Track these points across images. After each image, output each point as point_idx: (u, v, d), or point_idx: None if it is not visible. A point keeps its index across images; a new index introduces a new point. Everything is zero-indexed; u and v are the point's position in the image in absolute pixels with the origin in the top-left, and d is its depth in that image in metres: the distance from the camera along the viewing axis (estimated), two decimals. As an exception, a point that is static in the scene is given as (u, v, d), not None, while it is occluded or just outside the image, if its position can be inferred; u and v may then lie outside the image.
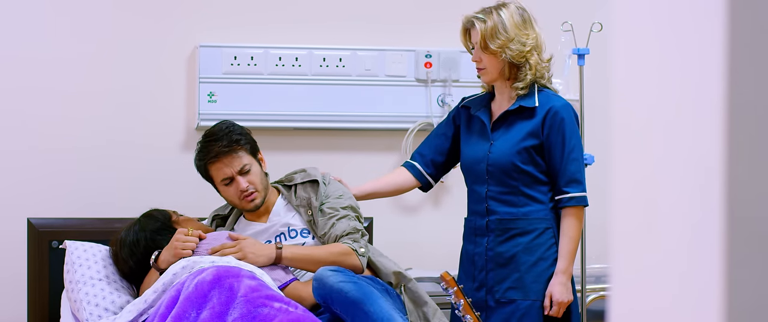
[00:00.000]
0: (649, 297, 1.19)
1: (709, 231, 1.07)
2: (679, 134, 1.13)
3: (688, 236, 1.11)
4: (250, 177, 3.47)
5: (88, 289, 3.46)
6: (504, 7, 3.32)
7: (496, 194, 3.35)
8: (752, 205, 1.06)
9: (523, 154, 3.32)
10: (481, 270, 3.38)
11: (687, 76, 1.12)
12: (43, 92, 4.00)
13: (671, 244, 1.14)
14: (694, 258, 1.10)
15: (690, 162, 1.11)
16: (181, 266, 3.23)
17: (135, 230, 3.53)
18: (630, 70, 1.23)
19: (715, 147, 1.06)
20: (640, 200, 1.20)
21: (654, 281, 1.18)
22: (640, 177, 1.21)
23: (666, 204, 1.15)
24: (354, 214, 3.47)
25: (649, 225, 1.18)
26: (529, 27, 3.31)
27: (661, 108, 1.17)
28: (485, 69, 3.34)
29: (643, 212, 1.20)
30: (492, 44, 3.28)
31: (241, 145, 3.47)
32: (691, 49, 1.12)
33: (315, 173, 3.57)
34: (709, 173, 1.07)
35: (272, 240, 3.50)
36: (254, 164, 3.50)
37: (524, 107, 3.32)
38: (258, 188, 3.48)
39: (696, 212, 1.10)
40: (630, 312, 1.23)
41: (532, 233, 3.33)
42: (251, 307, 3.00)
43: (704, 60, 1.08)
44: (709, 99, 1.07)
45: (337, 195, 3.50)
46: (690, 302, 1.11)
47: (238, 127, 3.53)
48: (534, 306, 3.31)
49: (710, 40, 1.07)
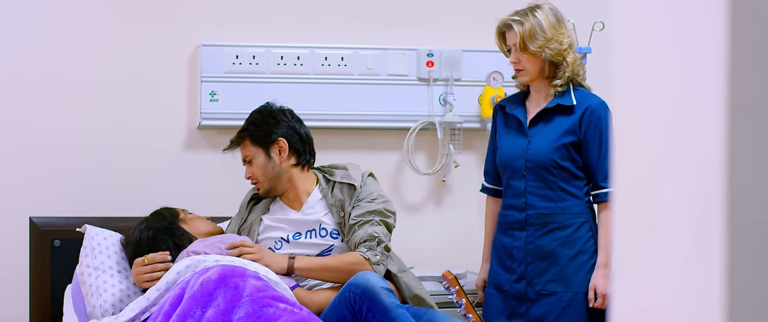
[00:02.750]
0: (651, 295, 1.19)
1: (709, 229, 1.07)
2: (680, 133, 1.13)
3: (689, 235, 1.11)
4: (252, 168, 3.54)
5: (107, 278, 3.50)
6: (538, 8, 3.41)
7: (535, 189, 3.43)
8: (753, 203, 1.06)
9: (562, 151, 3.40)
10: (521, 263, 3.44)
11: (688, 75, 1.12)
12: (45, 91, 4.00)
13: (672, 242, 1.14)
14: (695, 256, 1.10)
15: (691, 161, 1.11)
16: (185, 264, 3.23)
17: (140, 228, 3.54)
18: (631, 69, 1.23)
19: (716, 146, 1.07)
20: (641, 198, 1.20)
21: (655, 280, 1.18)
22: (640, 175, 1.21)
23: (667, 203, 1.15)
24: (379, 219, 3.45)
25: (649, 224, 1.18)
26: (563, 26, 3.44)
27: (661, 107, 1.17)
28: (524, 70, 3.44)
29: (643, 211, 1.20)
30: (532, 45, 3.37)
31: (245, 135, 3.55)
32: (692, 48, 1.12)
33: (355, 175, 3.55)
34: (710, 171, 1.07)
35: (302, 232, 3.50)
36: (258, 155, 3.52)
37: (562, 105, 3.41)
38: (259, 179, 3.52)
39: (697, 210, 1.10)
40: (632, 311, 1.23)
41: (570, 227, 3.40)
42: (257, 306, 3.00)
43: (705, 59, 1.08)
44: (710, 98, 1.07)
45: (369, 198, 3.50)
46: (691, 300, 1.11)
47: (257, 115, 3.57)
48: (576, 298, 3.38)
49: (711, 39, 1.07)
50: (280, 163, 3.54)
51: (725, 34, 1.05)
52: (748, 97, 1.06)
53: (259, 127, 3.54)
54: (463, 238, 4.34)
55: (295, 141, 3.56)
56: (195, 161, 4.13)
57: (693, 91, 1.11)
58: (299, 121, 3.62)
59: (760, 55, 1.06)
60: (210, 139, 4.13)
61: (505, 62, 4.25)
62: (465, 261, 4.29)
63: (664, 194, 1.16)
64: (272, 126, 3.54)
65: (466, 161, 4.32)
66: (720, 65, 1.06)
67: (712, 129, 1.07)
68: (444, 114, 4.23)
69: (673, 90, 1.15)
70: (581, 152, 3.42)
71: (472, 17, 4.31)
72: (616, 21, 1.25)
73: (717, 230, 1.06)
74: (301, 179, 3.57)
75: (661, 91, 1.17)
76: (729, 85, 1.05)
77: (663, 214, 1.16)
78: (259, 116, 3.56)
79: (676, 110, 1.14)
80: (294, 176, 3.56)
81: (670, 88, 1.16)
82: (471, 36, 4.30)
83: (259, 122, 3.55)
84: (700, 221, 1.09)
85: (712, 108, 1.07)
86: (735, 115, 1.06)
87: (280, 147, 3.53)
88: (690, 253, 1.11)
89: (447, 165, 4.29)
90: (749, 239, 1.06)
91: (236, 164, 4.16)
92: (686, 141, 1.12)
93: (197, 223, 3.61)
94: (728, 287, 1.05)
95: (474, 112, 4.27)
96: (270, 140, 3.53)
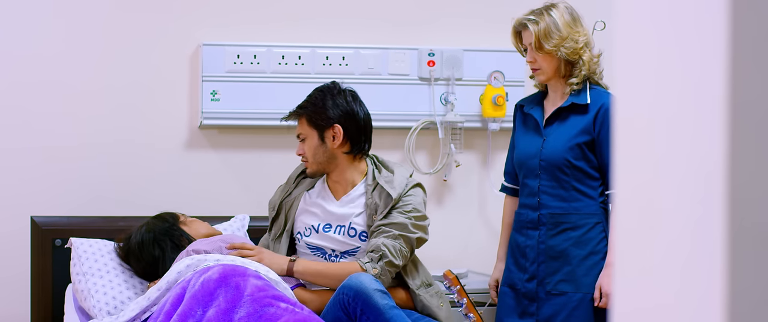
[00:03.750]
0: (652, 295, 1.19)
1: (710, 230, 1.07)
2: (681, 133, 1.13)
3: (690, 235, 1.11)
4: (303, 146, 3.47)
5: (96, 280, 3.52)
6: (553, 7, 3.41)
7: (548, 189, 3.43)
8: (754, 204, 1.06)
9: (576, 150, 3.39)
10: (533, 262, 3.44)
11: (689, 74, 1.12)
12: (46, 92, 4.00)
13: (673, 242, 1.14)
14: (696, 256, 1.10)
15: (692, 160, 1.11)
16: (186, 264, 3.24)
17: (142, 231, 3.56)
18: (632, 68, 1.23)
19: (718, 146, 1.06)
20: (642, 198, 1.20)
21: (656, 279, 1.18)
22: (642, 175, 1.21)
23: (668, 203, 1.15)
24: (398, 232, 3.36)
25: (651, 224, 1.18)
26: (579, 24, 3.43)
27: (662, 106, 1.17)
28: (540, 69, 3.44)
29: (645, 211, 1.20)
30: (547, 44, 3.37)
31: (301, 113, 3.47)
32: (693, 48, 1.12)
33: (399, 183, 3.45)
34: (711, 171, 1.07)
35: (332, 226, 3.46)
36: (312, 136, 3.44)
37: (577, 104, 3.40)
38: (308, 158, 3.47)
39: (698, 210, 1.10)
40: (633, 310, 1.23)
41: (582, 227, 3.40)
42: (258, 306, 3.00)
43: (706, 59, 1.08)
44: (712, 98, 1.07)
45: (403, 209, 3.42)
46: (692, 300, 1.11)
47: (319, 94, 3.47)
48: (585, 299, 3.37)
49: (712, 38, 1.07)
50: (332, 148, 3.45)
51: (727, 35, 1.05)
52: (749, 98, 1.06)
53: (317, 108, 3.44)
54: (464, 237, 4.34)
55: (352, 129, 3.46)
56: (196, 161, 4.13)
57: (694, 90, 1.11)
58: (361, 106, 3.51)
59: (761, 56, 1.06)
60: (211, 139, 4.13)
61: (505, 62, 4.26)
62: (466, 261, 4.29)
63: (665, 194, 1.16)
64: (331, 109, 3.43)
65: (467, 160, 4.32)
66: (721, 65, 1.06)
67: (713, 129, 1.07)
68: (445, 113, 4.23)
69: (674, 89, 1.15)
70: (595, 152, 3.40)
71: (473, 17, 4.31)
72: (618, 21, 1.25)
73: (718, 231, 1.06)
74: (350, 168, 3.49)
75: (662, 91, 1.17)
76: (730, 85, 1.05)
77: (664, 214, 1.16)
78: (319, 96, 3.46)
79: (678, 110, 1.14)
80: (344, 163, 3.48)
81: (671, 87, 1.16)
82: (472, 35, 4.30)
83: (318, 102, 3.44)
84: (701, 222, 1.09)
85: (714, 108, 1.07)
86: (736, 115, 1.06)
87: (334, 133, 3.43)
88: (691, 253, 1.11)
89: (448, 165, 4.29)
90: (750, 239, 1.06)
91: (238, 163, 4.17)
92: (688, 141, 1.12)
93: (197, 225, 3.62)
94: (729, 287, 1.05)
95: (475, 111, 4.27)
96: (325, 124, 3.43)
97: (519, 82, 4.26)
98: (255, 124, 4.12)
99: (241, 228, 3.90)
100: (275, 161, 4.15)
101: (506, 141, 4.38)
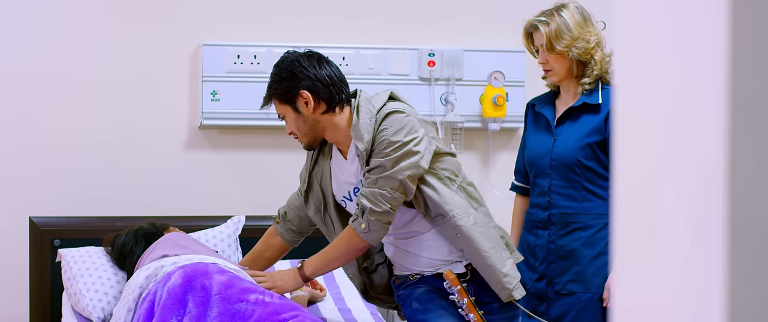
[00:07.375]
0: (652, 294, 1.18)
1: (710, 228, 1.07)
2: (681, 132, 1.13)
3: (690, 234, 1.11)
4: (287, 124, 3.32)
5: (86, 279, 3.53)
6: (564, 7, 3.40)
7: (559, 188, 3.42)
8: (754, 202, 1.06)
9: (587, 150, 3.38)
10: (542, 262, 3.44)
11: (688, 73, 1.12)
12: (45, 90, 4.00)
13: (673, 241, 1.14)
14: (695, 255, 1.10)
15: (692, 159, 1.11)
16: (144, 276, 3.18)
17: (129, 232, 3.56)
18: (631, 67, 1.23)
19: (717, 144, 1.06)
20: (641, 197, 1.20)
21: (656, 278, 1.18)
22: (641, 174, 1.21)
23: (667, 201, 1.15)
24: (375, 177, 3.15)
25: (650, 223, 1.18)
26: (590, 24, 3.41)
27: (662, 105, 1.17)
28: (553, 70, 3.42)
29: (644, 210, 1.19)
30: (558, 45, 3.36)
31: (271, 95, 3.31)
32: (693, 47, 1.12)
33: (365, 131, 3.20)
34: (711, 170, 1.07)
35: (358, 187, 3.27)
36: (287, 111, 3.28)
37: (588, 104, 3.40)
38: (297, 134, 3.31)
39: (697, 209, 1.10)
40: (633, 309, 1.23)
41: (593, 227, 3.39)
42: (228, 304, 2.97)
43: (706, 57, 1.08)
44: (711, 97, 1.07)
45: (378, 149, 3.19)
46: (692, 299, 1.11)
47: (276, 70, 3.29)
48: (594, 299, 3.36)
49: (712, 37, 1.07)
50: (309, 115, 3.27)
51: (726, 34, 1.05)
52: (748, 96, 1.06)
53: (279, 85, 3.29)
54: (464, 238, 4.33)
55: (318, 88, 3.26)
56: (196, 161, 4.13)
57: (694, 89, 1.11)
58: (319, 62, 3.31)
59: (760, 55, 1.06)
60: (211, 139, 4.13)
61: (505, 62, 4.26)
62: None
63: (665, 192, 1.16)
64: (290, 80, 3.29)
65: (468, 160, 4.32)
66: (721, 64, 1.06)
67: (713, 127, 1.07)
68: (445, 114, 4.23)
69: (673, 88, 1.15)
70: (606, 152, 3.39)
71: (473, 17, 4.30)
72: (618, 20, 1.25)
73: (718, 229, 1.06)
74: (339, 125, 3.29)
75: (662, 89, 1.17)
76: (730, 84, 1.05)
77: (663, 213, 1.16)
78: (277, 72, 3.30)
79: (677, 108, 1.14)
80: (332, 122, 3.28)
81: (670, 86, 1.16)
82: (472, 36, 4.30)
83: (278, 78, 3.30)
84: (700, 220, 1.09)
85: (713, 106, 1.07)
86: (736, 113, 1.05)
87: (305, 99, 3.26)
88: (691, 252, 1.11)
89: (448, 165, 4.29)
90: (750, 238, 1.06)
91: (237, 163, 4.17)
92: (687, 140, 1.12)
93: None
94: (729, 285, 1.05)
95: (475, 111, 4.27)
96: (293, 95, 3.27)
97: (519, 83, 4.25)
98: (255, 125, 4.12)
99: (235, 232, 3.87)
100: (275, 161, 4.15)
101: (506, 141, 4.37)
